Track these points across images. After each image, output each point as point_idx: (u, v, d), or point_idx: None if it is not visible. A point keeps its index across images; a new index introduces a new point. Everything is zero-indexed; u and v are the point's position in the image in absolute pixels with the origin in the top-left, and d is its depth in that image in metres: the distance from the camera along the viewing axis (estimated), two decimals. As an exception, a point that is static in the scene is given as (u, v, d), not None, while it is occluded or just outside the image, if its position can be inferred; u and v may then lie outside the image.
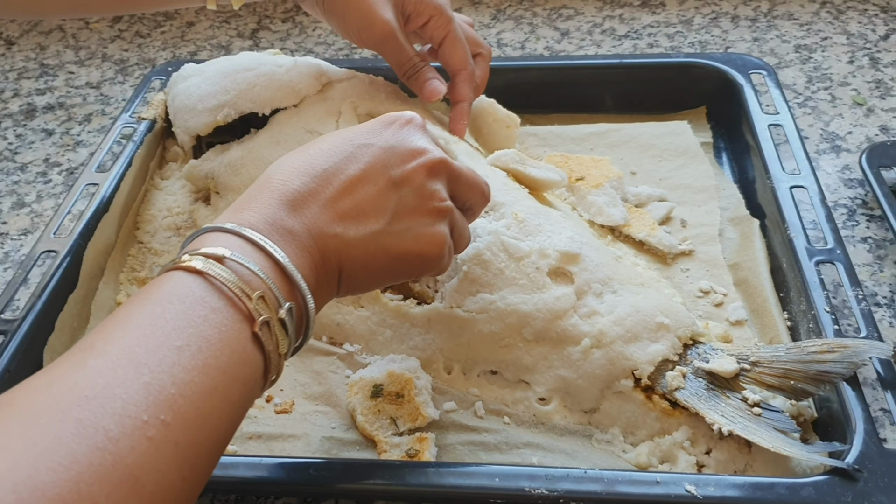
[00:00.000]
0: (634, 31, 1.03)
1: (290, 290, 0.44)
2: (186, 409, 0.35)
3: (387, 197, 0.49)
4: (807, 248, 0.64)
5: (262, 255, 0.43)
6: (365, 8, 0.68)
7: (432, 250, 0.51)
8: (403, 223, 0.50)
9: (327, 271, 0.47)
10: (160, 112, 0.84)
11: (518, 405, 0.60)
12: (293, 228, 0.45)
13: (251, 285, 0.41)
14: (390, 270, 0.51)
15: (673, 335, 0.59)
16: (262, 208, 0.45)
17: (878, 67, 0.94)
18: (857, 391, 0.54)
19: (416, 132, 0.53)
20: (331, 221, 0.47)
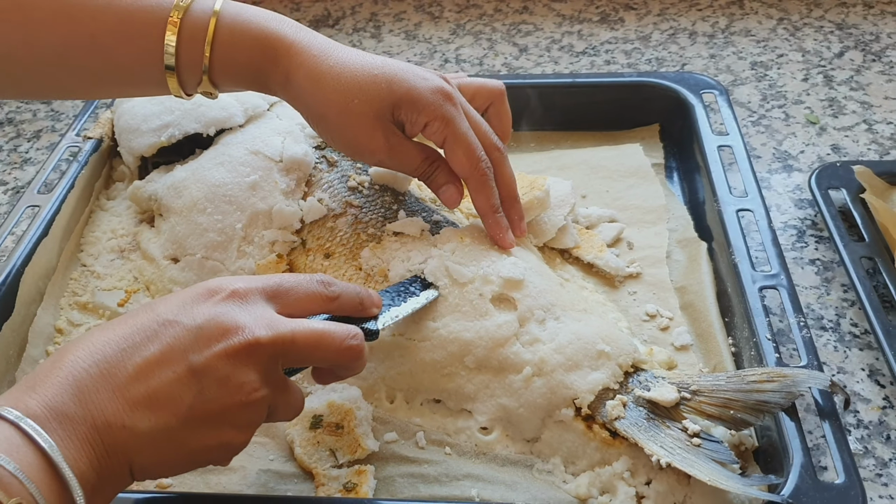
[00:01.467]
0: (592, 48, 1.03)
1: (60, 492, 0.39)
2: None
3: (185, 387, 0.44)
4: (751, 273, 0.64)
5: (31, 450, 0.39)
6: (353, 134, 0.61)
7: (237, 442, 0.47)
8: (202, 418, 0.44)
9: (112, 466, 0.42)
10: (107, 131, 0.82)
11: (460, 435, 0.60)
12: (75, 418, 0.41)
13: (8, 490, 0.37)
14: (189, 463, 0.46)
15: (614, 363, 0.58)
16: (48, 389, 0.41)
17: (832, 85, 0.94)
18: (796, 421, 0.54)
19: (237, 305, 0.47)
20: (119, 411, 0.42)
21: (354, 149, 0.63)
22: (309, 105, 0.61)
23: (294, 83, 0.60)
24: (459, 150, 0.62)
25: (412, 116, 0.61)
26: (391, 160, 0.63)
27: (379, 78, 0.60)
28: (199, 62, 0.59)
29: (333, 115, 0.60)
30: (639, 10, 1.10)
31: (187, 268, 0.68)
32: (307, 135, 0.72)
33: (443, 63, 1.02)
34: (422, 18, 1.12)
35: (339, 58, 0.60)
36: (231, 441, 0.46)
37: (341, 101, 0.59)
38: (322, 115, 0.61)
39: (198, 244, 0.68)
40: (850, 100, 0.91)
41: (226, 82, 0.61)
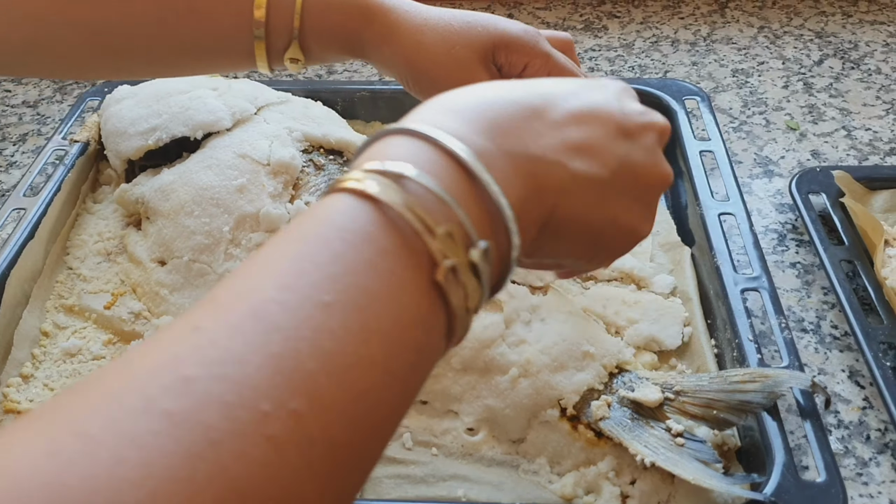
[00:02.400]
0: (577, 55, 1.04)
1: (490, 224, 0.34)
2: (331, 393, 0.26)
3: (616, 142, 0.40)
4: (733, 275, 0.65)
5: (459, 174, 0.33)
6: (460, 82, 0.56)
7: (644, 231, 0.44)
8: (628, 180, 0.41)
9: (537, 207, 0.37)
10: (93, 134, 0.82)
11: (447, 435, 0.60)
12: (505, 145, 0.36)
13: (436, 216, 0.31)
14: (600, 233, 0.41)
15: (598, 364, 0.59)
16: (472, 114, 0.36)
17: (812, 92, 0.95)
18: (778, 421, 0.55)
19: (635, 100, 0.45)
20: (555, 146, 0.38)
21: None
22: (410, 61, 0.60)
23: (393, 41, 0.59)
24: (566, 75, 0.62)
25: (512, 57, 0.61)
26: None
27: (474, 24, 0.60)
28: (290, 26, 0.58)
29: (436, 66, 0.59)
30: (622, 18, 1.11)
31: (174, 270, 0.68)
32: (294, 139, 0.73)
33: (428, 69, 1.03)
34: (407, 25, 1.12)
35: (430, 12, 0.61)
36: (639, 224, 0.43)
37: (443, 51, 0.59)
38: (425, 70, 0.60)
39: (185, 247, 0.68)
40: (830, 106, 0.93)
41: (316, 47, 0.60)
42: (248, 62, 0.61)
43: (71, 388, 0.26)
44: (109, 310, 0.69)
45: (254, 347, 0.25)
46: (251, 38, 0.58)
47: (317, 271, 0.28)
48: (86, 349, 0.66)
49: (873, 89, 0.95)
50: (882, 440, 0.60)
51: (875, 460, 0.58)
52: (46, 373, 0.65)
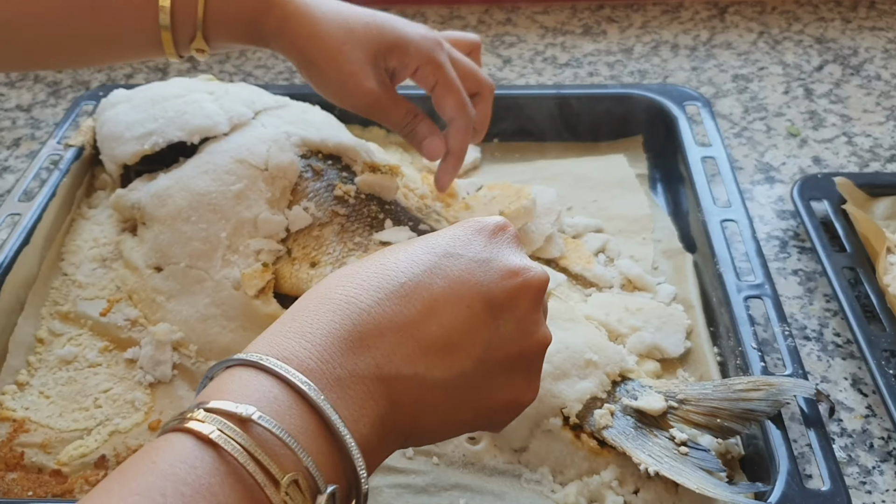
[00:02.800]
0: (575, 60, 1.04)
1: (338, 465, 0.33)
2: None
3: (482, 325, 0.39)
4: (736, 283, 0.64)
5: (305, 409, 0.33)
6: (345, 77, 0.62)
7: (524, 402, 0.43)
8: (497, 363, 0.40)
9: (394, 425, 0.37)
10: (88, 139, 0.81)
11: (448, 445, 0.59)
12: (358, 369, 0.35)
13: (282, 462, 0.31)
14: (471, 423, 0.41)
15: (601, 372, 0.58)
16: (318, 336, 0.35)
17: (812, 98, 0.95)
18: (782, 429, 0.54)
19: (509, 243, 0.43)
20: (411, 357, 0.36)
21: (345, 93, 0.64)
22: (302, 50, 0.62)
23: (288, 30, 0.61)
24: (450, 93, 0.64)
25: (404, 60, 0.63)
26: (379, 107, 0.64)
27: (371, 24, 0.63)
28: (194, 17, 0.60)
29: (326, 59, 0.62)
30: (621, 22, 1.11)
31: (171, 277, 0.68)
32: (292, 143, 0.72)
33: (427, 73, 1.02)
34: (405, 29, 1.12)
35: (330, 6, 0.63)
36: (520, 396, 0.42)
37: (334, 46, 0.61)
38: (314, 61, 0.62)
39: (182, 253, 0.67)
40: (830, 112, 0.93)
41: (219, 37, 0.62)
42: (156, 52, 0.63)
43: None
44: (105, 316, 0.68)
45: None
46: (157, 30, 0.60)
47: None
48: (81, 356, 0.65)
49: (873, 95, 0.95)
50: (885, 448, 0.59)
51: (879, 468, 0.58)
52: (42, 380, 0.64)
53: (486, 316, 0.39)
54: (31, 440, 0.59)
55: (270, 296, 0.65)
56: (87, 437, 0.60)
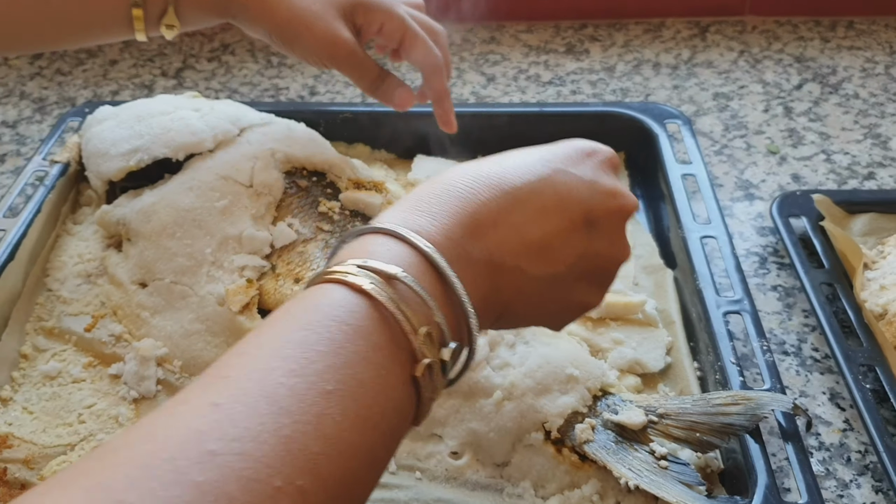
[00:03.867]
0: (558, 78, 1.05)
1: (458, 325, 0.38)
2: (330, 472, 0.30)
3: (579, 237, 0.43)
4: (715, 298, 0.65)
5: (436, 280, 0.37)
6: (319, 32, 0.66)
7: (594, 304, 0.47)
8: (585, 270, 0.44)
9: (492, 305, 0.41)
10: (74, 155, 0.82)
11: (431, 459, 0.60)
12: (473, 252, 0.39)
13: (419, 318, 0.35)
14: (555, 316, 0.47)
15: (582, 387, 0.59)
16: (443, 217, 0.39)
17: (792, 116, 0.97)
18: (760, 443, 0.55)
19: (610, 172, 0.47)
20: (516, 252, 0.41)
21: (322, 47, 0.67)
22: (274, 15, 0.66)
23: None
24: (419, 43, 0.69)
25: (370, 16, 0.68)
26: (355, 58, 0.68)
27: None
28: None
29: (300, 19, 0.66)
30: (604, 41, 1.12)
31: (155, 292, 0.68)
32: (277, 160, 0.73)
33: (412, 91, 1.03)
34: (391, 47, 1.13)
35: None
36: (591, 300, 0.47)
37: (305, 6, 0.66)
38: (288, 22, 0.66)
39: (166, 269, 0.67)
40: (809, 130, 0.94)
41: (190, 12, 0.66)
42: (126, 31, 0.66)
43: (98, 453, 0.28)
44: (90, 332, 0.68)
45: (268, 428, 0.29)
46: (128, 7, 0.64)
47: (320, 360, 0.32)
48: (66, 372, 0.65)
49: (851, 114, 0.97)
50: (862, 462, 0.60)
51: (856, 482, 0.59)
52: (26, 396, 0.64)
53: (583, 229, 0.44)
54: (14, 456, 0.59)
55: (255, 311, 0.65)
56: (70, 452, 0.60)
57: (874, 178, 0.87)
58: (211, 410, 0.29)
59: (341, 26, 0.67)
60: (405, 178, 0.84)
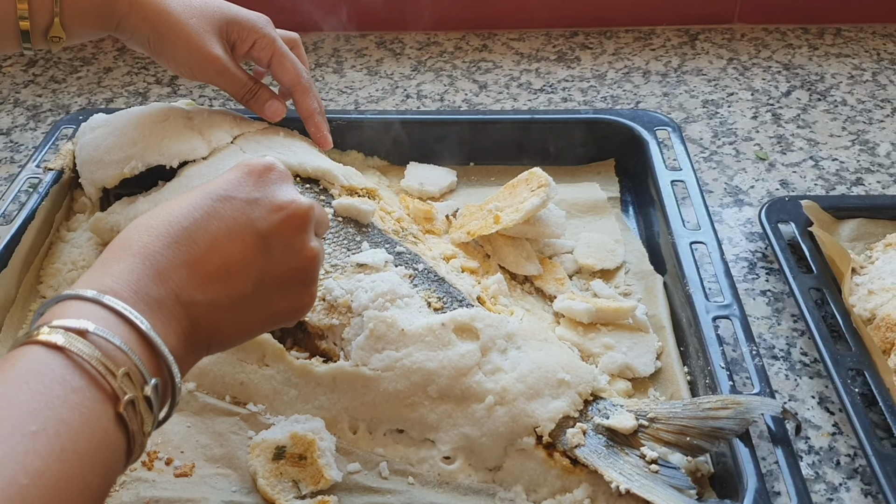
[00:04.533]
0: (550, 85, 1.06)
1: (157, 365, 0.41)
2: (41, 501, 0.33)
3: (255, 254, 0.47)
4: (705, 303, 0.66)
5: (127, 328, 0.41)
6: (193, 46, 0.71)
7: (304, 306, 0.51)
8: (274, 282, 0.48)
9: (197, 338, 0.45)
10: (68, 162, 0.82)
11: (423, 464, 0.60)
12: (160, 297, 0.43)
13: (116, 361, 0.39)
14: (261, 328, 0.51)
15: (574, 391, 0.59)
16: (125, 274, 0.43)
17: (780, 123, 0.98)
18: (750, 447, 0.56)
19: (277, 181, 0.51)
20: (200, 286, 0.45)
21: (195, 62, 0.72)
22: (153, 26, 0.70)
23: (139, 9, 0.69)
24: (287, 62, 0.76)
25: (243, 34, 0.74)
26: (226, 73, 0.73)
27: (211, 3, 0.73)
28: (51, 4, 0.67)
29: (176, 32, 0.70)
30: (594, 49, 1.13)
31: (149, 299, 0.68)
32: (271, 167, 0.73)
33: (404, 98, 1.04)
34: (383, 55, 1.14)
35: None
36: (300, 302, 0.51)
37: (182, 20, 0.70)
38: (165, 34, 0.70)
39: (160, 276, 0.68)
40: (798, 137, 0.95)
41: (75, 23, 0.69)
42: (11, 43, 0.69)
43: None
44: (83, 339, 0.68)
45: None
46: (15, 20, 0.67)
47: (21, 407, 0.35)
48: (59, 379, 0.65)
49: (839, 120, 0.98)
50: (851, 465, 0.60)
51: (845, 485, 0.59)
52: (18, 403, 0.64)
53: (258, 246, 0.47)
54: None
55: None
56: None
57: (862, 184, 0.88)
58: None
59: (214, 43, 0.72)
60: (398, 184, 0.85)
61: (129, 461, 0.40)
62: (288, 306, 0.50)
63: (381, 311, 0.62)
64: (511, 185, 0.77)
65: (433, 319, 0.61)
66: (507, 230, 0.73)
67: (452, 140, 0.88)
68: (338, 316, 0.64)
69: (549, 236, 0.75)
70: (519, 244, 0.75)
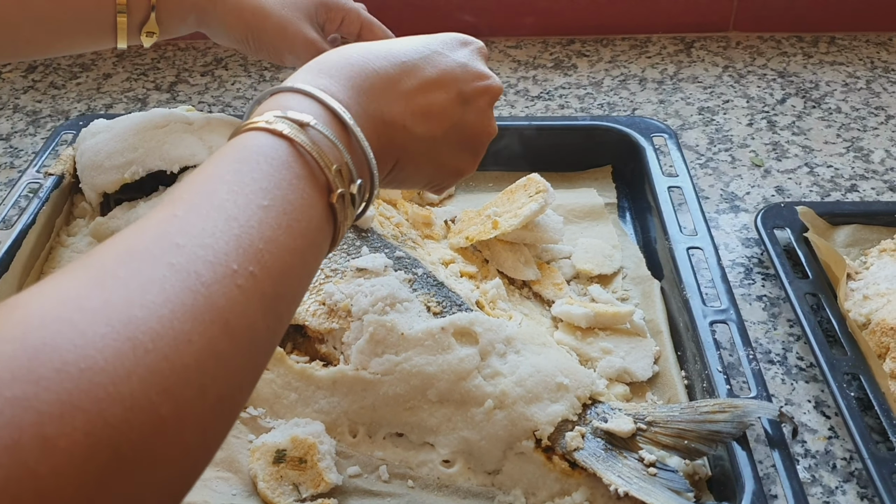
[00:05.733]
0: (547, 93, 1.07)
1: (361, 167, 0.45)
2: (272, 264, 0.36)
3: (454, 108, 0.53)
4: (702, 308, 0.66)
5: (341, 128, 0.44)
6: (291, 34, 0.73)
7: (469, 170, 0.58)
8: (457, 139, 0.54)
9: (387, 157, 0.50)
10: (68, 167, 0.82)
11: (422, 468, 0.60)
12: (368, 110, 0.47)
13: (331, 157, 0.42)
14: (430, 176, 0.56)
15: (572, 395, 0.60)
16: (343, 79, 0.47)
17: (775, 130, 0.98)
18: (747, 451, 0.56)
19: (482, 59, 0.57)
20: (403, 113, 0.49)
21: (292, 47, 0.74)
22: (249, 21, 0.73)
23: (232, 9, 0.73)
24: (376, 29, 0.79)
25: (331, 14, 0.77)
26: None
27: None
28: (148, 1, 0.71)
29: (272, 22, 0.73)
30: (591, 56, 1.14)
31: (149, 304, 0.68)
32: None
33: (402, 105, 1.05)
34: (381, 61, 1.14)
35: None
36: (465, 167, 0.57)
37: (275, 12, 0.73)
38: (262, 26, 0.73)
39: (161, 280, 0.68)
40: (793, 144, 0.96)
41: (170, 19, 0.73)
42: (107, 39, 0.72)
43: (83, 256, 0.34)
44: (83, 343, 0.68)
45: (220, 228, 0.35)
46: (112, 14, 0.70)
47: (254, 183, 0.38)
48: (59, 383, 0.66)
49: (834, 127, 0.98)
50: (848, 469, 0.61)
51: (841, 489, 0.60)
52: (19, 407, 0.64)
53: (457, 102, 0.53)
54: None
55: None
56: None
57: (856, 191, 0.88)
58: (172, 219, 0.36)
59: (308, 28, 0.74)
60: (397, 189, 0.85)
61: (330, 249, 0.44)
62: (456, 165, 0.56)
63: (381, 315, 0.62)
64: (509, 190, 0.77)
65: (433, 323, 0.62)
66: (506, 235, 0.74)
67: (451, 146, 0.88)
68: (338, 320, 0.64)
69: (548, 241, 0.76)
70: (517, 249, 0.75)
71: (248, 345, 0.35)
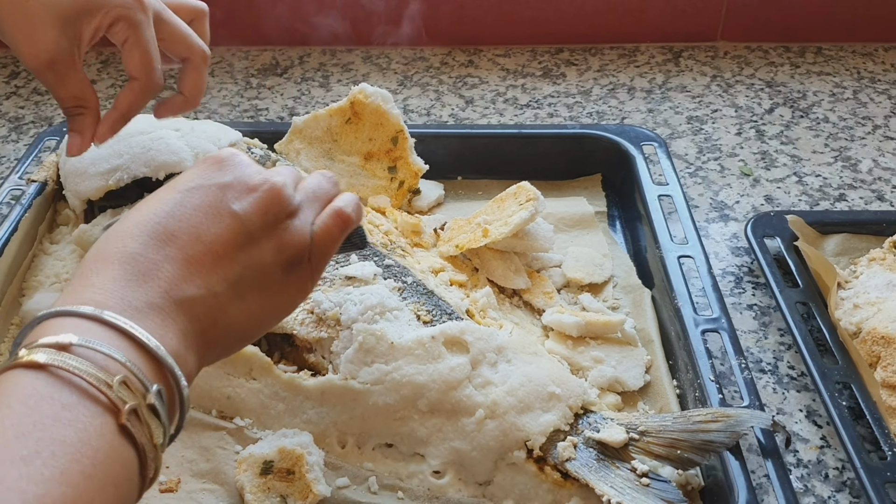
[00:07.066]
0: (536, 101, 1.06)
1: (157, 371, 0.38)
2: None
3: (237, 235, 0.43)
4: (693, 317, 0.66)
5: (117, 335, 0.38)
6: (27, 30, 0.58)
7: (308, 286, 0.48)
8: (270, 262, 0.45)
9: (199, 336, 0.42)
10: (51, 174, 0.81)
11: (412, 479, 0.59)
12: (149, 299, 0.40)
13: (109, 370, 0.36)
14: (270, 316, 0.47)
15: (564, 405, 0.59)
16: (108, 282, 0.40)
17: (764, 139, 0.98)
18: (740, 460, 0.56)
19: (243, 164, 0.46)
20: (189, 278, 0.41)
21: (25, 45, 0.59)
22: None
23: None
24: (137, 51, 0.61)
25: (100, 15, 0.59)
26: (55, 69, 0.60)
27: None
28: None
29: (11, 12, 0.58)
30: (580, 65, 1.14)
31: (134, 312, 0.67)
32: (258, 180, 0.73)
33: (391, 113, 1.04)
34: (370, 69, 1.14)
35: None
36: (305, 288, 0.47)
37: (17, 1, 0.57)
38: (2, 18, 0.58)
39: (146, 288, 0.67)
40: (781, 153, 0.96)
41: None
42: None
43: None
44: (66, 352, 0.67)
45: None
46: None
47: (6, 433, 0.33)
48: (41, 393, 0.64)
49: (822, 137, 0.99)
50: (840, 478, 0.61)
51: (834, 498, 0.59)
52: None
53: (238, 227, 0.44)
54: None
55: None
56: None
57: (845, 200, 0.88)
58: None
59: (52, 30, 0.58)
60: (385, 198, 0.85)
61: (145, 479, 0.37)
62: (293, 287, 0.47)
63: (371, 323, 0.62)
64: (499, 198, 0.77)
65: (423, 332, 0.61)
66: (496, 244, 0.73)
67: (440, 154, 0.88)
68: (326, 329, 0.63)
69: (538, 250, 0.75)
70: (507, 258, 0.75)
71: None
